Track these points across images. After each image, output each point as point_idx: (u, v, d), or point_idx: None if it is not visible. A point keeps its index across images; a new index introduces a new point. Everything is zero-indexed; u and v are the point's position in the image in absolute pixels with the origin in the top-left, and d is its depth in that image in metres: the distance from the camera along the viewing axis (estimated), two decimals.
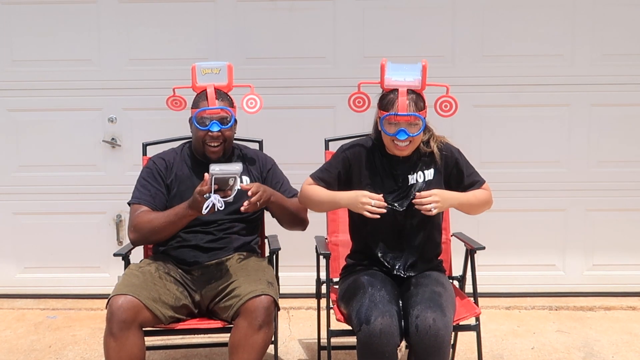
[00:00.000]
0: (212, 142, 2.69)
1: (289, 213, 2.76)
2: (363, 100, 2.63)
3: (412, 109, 2.45)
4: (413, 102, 2.46)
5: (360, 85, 2.63)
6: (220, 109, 2.67)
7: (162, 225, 2.60)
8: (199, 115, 2.67)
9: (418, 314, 2.30)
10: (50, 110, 3.92)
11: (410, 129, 2.46)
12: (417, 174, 2.57)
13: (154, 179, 2.74)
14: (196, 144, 2.74)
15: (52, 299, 4.01)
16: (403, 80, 2.48)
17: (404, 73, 2.49)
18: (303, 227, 2.84)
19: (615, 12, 3.82)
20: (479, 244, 2.75)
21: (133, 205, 2.71)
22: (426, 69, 2.48)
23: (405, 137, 2.45)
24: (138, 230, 2.64)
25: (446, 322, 2.30)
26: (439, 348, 2.27)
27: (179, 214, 2.56)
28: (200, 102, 2.71)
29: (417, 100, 2.47)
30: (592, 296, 3.98)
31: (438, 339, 2.26)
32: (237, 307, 2.40)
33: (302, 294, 3.59)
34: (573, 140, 3.92)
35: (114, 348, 2.34)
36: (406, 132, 2.45)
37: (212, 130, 2.66)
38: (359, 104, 2.64)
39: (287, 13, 3.84)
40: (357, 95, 2.64)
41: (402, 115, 2.43)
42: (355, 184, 2.58)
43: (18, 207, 4.00)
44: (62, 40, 3.87)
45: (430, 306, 2.32)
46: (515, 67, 3.85)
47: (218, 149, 2.71)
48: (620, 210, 3.95)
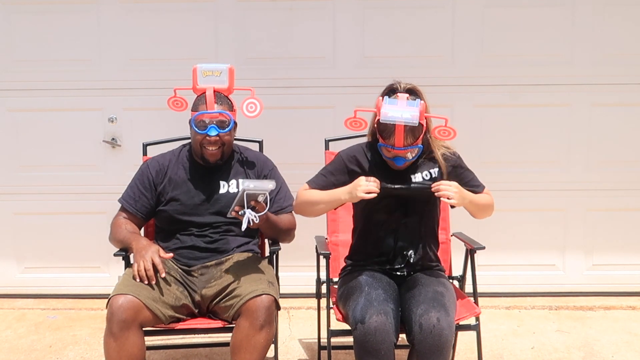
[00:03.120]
0: (210, 146, 2.69)
1: (279, 230, 2.75)
2: (359, 123, 2.60)
3: (409, 141, 2.42)
4: (410, 134, 2.42)
5: (356, 112, 2.56)
6: (218, 113, 2.67)
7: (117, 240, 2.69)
8: (198, 118, 2.67)
9: (422, 313, 2.30)
10: (50, 110, 3.93)
11: (407, 155, 2.47)
12: (422, 173, 2.57)
13: (142, 182, 2.77)
14: (195, 146, 2.74)
15: (52, 299, 4.01)
16: (400, 116, 2.40)
17: (401, 111, 2.40)
18: (289, 242, 2.85)
19: (615, 12, 3.82)
20: (479, 244, 2.75)
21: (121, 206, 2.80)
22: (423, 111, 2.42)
23: (402, 162, 2.48)
24: (110, 232, 2.74)
25: (450, 321, 2.31)
26: (443, 348, 2.28)
27: (125, 242, 2.64)
28: (199, 105, 2.70)
29: (414, 130, 2.42)
30: (592, 296, 3.99)
31: (442, 338, 2.27)
32: (238, 307, 2.40)
33: (302, 294, 3.60)
34: (573, 140, 3.92)
35: (114, 348, 2.34)
36: (403, 159, 2.47)
37: (210, 135, 2.66)
38: (357, 125, 2.61)
39: (287, 13, 3.84)
40: (352, 120, 2.60)
41: (399, 149, 2.43)
42: None
43: (18, 207, 4.01)
44: (62, 40, 3.87)
45: (434, 306, 2.33)
46: (515, 67, 3.85)
47: (216, 152, 2.71)
48: (620, 210, 3.96)
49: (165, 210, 2.73)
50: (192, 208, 2.71)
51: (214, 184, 2.75)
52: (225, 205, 2.70)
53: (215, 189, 2.74)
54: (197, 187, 2.74)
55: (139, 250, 2.53)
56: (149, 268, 2.46)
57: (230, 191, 2.74)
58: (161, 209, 2.74)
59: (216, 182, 2.75)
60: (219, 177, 2.76)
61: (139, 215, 2.75)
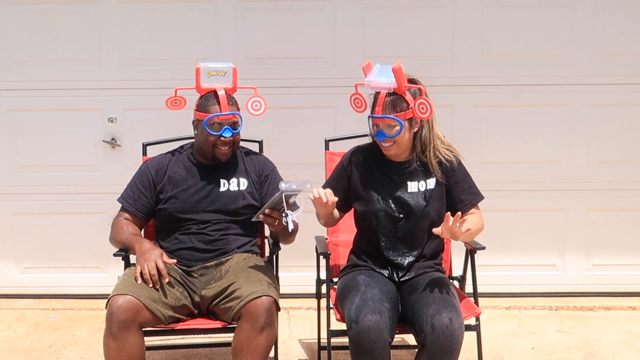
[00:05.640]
0: (224, 146, 2.70)
1: (287, 234, 2.73)
2: (361, 101, 2.63)
3: (387, 111, 2.45)
4: (390, 104, 2.45)
5: (357, 86, 2.63)
6: (232, 115, 2.68)
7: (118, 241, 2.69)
8: (212, 120, 2.66)
9: (433, 314, 2.30)
10: (50, 110, 3.92)
11: (387, 130, 2.48)
12: (419, 183, 2.58)
13: (141, 182, 2.77)
14: (205, 147, 2.73)
15: (52, 299, 4.01)
16: (378, 81, 2.47)
17: (381, 75, 2.47)
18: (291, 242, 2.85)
19: (615, 12, 3.82)
20: (479, 244, 2.75)
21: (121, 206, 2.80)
22: (397, 71, 2.43)
23: (382, 138, 2.49)
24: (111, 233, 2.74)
25: (460, 322, 2.31)
26: (454, 348, 2.28)
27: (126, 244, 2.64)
28: (210, 106, 2.68)
29: (395, 102, 2.45)
30: (592, 296, 3.99)
31: (454, 339, 2.27)
32: (238, 308, 2.40)
33: (302, 294, 3.60)
34: (573, 140, 3.92)
35: (114, 348, 2.34)
36: (383, 133, 2.47)
37: (225, 136, 2.67)
38: (358, 105, 2.65)
39: (287, 13, 3.84)
40: (355, 96, 2.65)
41: (376, 117, 2.46)
42: (356, 189, 2.61)
43: (18, 207, 4.00)
44: (62, 41, 3.87)
45: (445, 306, 2.32)
46: (515, 67, 3.85)
47: (228, 151, 2.72)
48: (620, 210, 3.95)
49: (165, 208, 2.73)
50: (191, 206, 2.71)
51: (214, 182, 2.75)
52: (225, 203, 2.70)
53: (215, 187, 2.74)
54: (197, 185, 2.74)
55: (143, 253, 2.53)
56: (153, 273, 2.46)
57: (231, 189, 2.75)
58: (161, 207, 2.74)
59: (217, 180, 2.75)
60: (220, 175, 2.76)
61: (139, 215, 2.75)
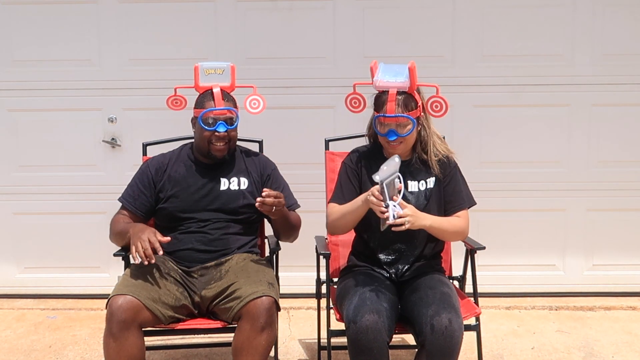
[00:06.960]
0: (218, 141, 2.70)
1: (290, 227, 2.78)
2: (359, 100, 2.63)
3: (400, 110, 2.45)
4: (402, 103, 2.46)
5: (355, 86, 2.63)
6: (227, 110, 2.68)
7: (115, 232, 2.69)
8: (206, 115, 2.67)
9: (433, 314, 2.30)
10: (50, 110, 3.92)
11: (400, 129, 2.48)
12: (419, 182, 2.58)
13: (141, 181, 2.77)
14: (201, 143, 2.74)
15: (52, 299, 4.01)
16: (392, 81, 2.47)
17: (393, 74, 2.48)
18: (293, 240, 2.87)
19: (615, 12, 3.82)
20: (479, 244, 2.75)
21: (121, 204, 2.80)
22: (413, 70, 2.46)
23: (394, 137, 2.48)
24: (110, 229, 2.74)
25: (460, 323, 2.31)
26: (453, 349, 2.28)
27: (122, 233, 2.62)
28: (205, 102, 2.70)
29: (406, 101, 2.47)
30: (592, 296, 3.99)
31: (454, 339, 2.27)
32: (238, 309, 2.40)
33: (302, 294, 3.60)
34: (573, 140, 3.92)
35: (114, 348, 2.34)
36: (395, 132, 2.47)
37: (219, 131, 2.67)
38: (355, 105, 2.65)
39: (287, 13, 3.84)
40: (353, 96, 2.65)
41: (390, 116, 2.45)
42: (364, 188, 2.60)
43: (18, 207, 4.00)
44: (62, 40, 3.87)
45: (444, 307, 2.32)
46: (515, 67, 3.85)
47: (223, 147, 2.71)
48: (620, 210, 3.95)
49: (165, 207, 2.73)
50: (191, 204, 2.71)
51: (214, 180, 2.75)
52: (225, 202, 2.70)
53: (216, 185, 2.74)
54: (197, 184, 2.74)
55: (136, 233, 2.51)
56: (146, 247, 2.43)
57: (231, 188, 2.75)
58: (161, 206, 2.74)
59: (217, 179, 2.75)
60: (220, 174, 2.77)
61: (138, 214, 2.74)
